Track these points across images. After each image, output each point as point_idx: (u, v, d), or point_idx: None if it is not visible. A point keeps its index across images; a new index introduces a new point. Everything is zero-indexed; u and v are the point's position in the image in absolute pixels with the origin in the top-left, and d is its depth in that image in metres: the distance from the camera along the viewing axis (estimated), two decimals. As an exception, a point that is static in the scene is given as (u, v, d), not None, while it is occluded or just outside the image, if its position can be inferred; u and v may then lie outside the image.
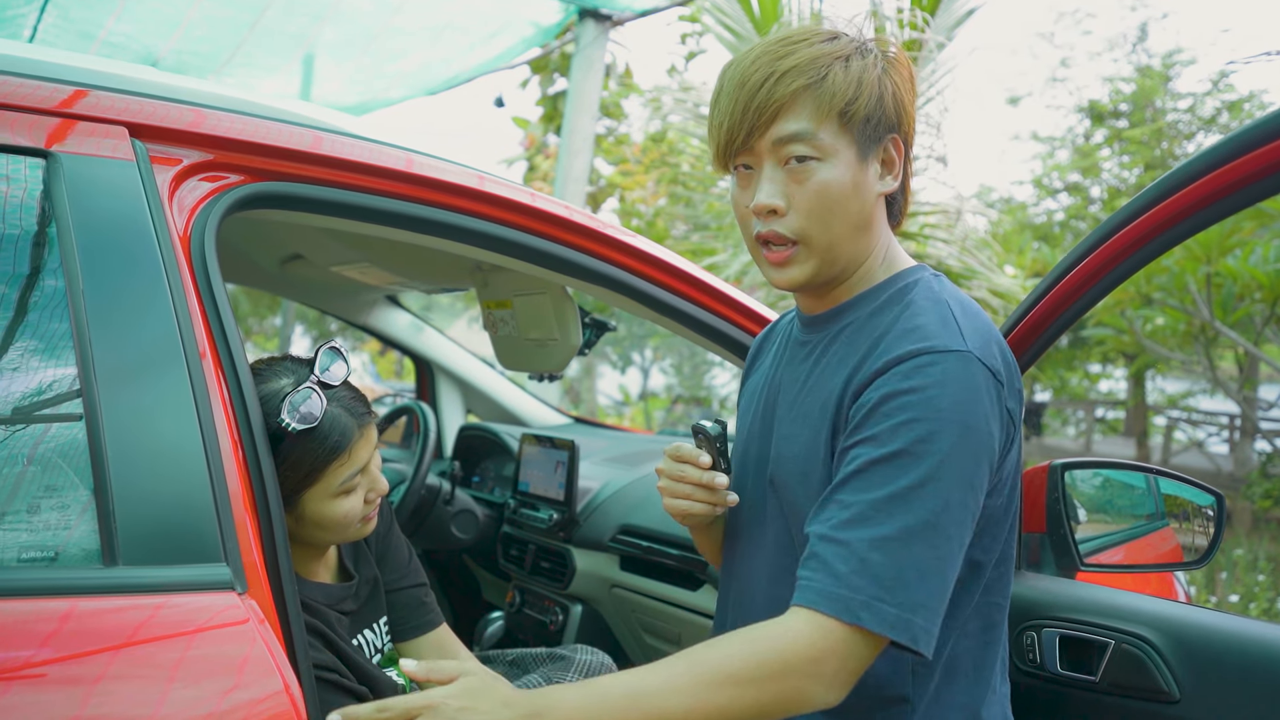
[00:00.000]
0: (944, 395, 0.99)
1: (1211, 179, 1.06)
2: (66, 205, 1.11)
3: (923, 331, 1.04)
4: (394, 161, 1.43)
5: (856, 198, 1.08)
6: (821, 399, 1.11)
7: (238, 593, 1.05)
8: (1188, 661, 1.16)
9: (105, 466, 1.03)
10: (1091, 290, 1.28)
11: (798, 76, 1.04)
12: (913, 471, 0.97)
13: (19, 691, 0.91)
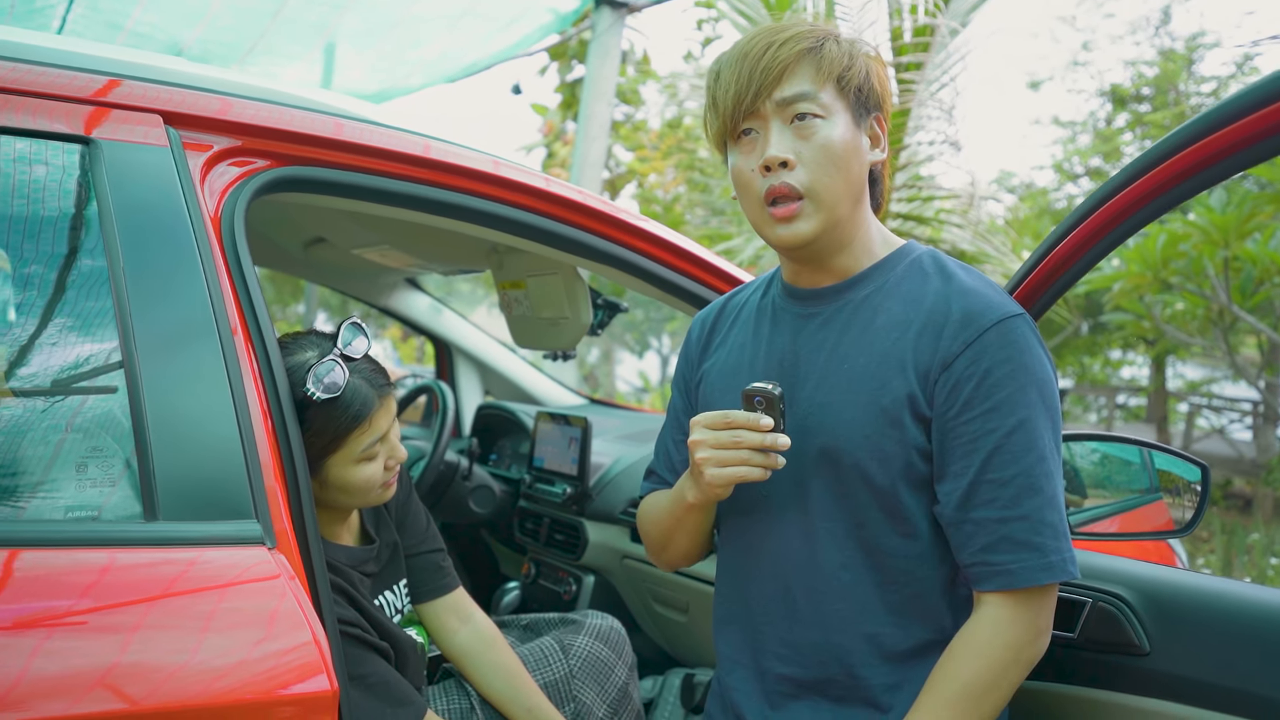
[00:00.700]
0: (1030, 357, 1.12)
1: (1208, 143, 1.10)
2: (107, 189, 1.19)
3: (986, 299, 1.14)
4: (412, 147, 1.51)
5: (855, 158, 1.16)
6: (872, 361, 1.16)
7: (268, 548, 1.13)
8: (1157, 617, 1.22)
9: (145, 430, 1.11)
10: (1090, 252, 1.31)
11: (799, 42, 1.14)
12: (1039, 435, 1.10)
13: (66, 636, 0.99)
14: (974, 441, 1.10)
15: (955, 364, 1.11)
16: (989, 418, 1.09)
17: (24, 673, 0.95)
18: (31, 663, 0.96)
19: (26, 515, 1.07)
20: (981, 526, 1.10)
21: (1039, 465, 1.09)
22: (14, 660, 0.95)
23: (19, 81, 1.20)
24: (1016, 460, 1.09)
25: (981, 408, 1.10)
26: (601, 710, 1.80)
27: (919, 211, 5.06)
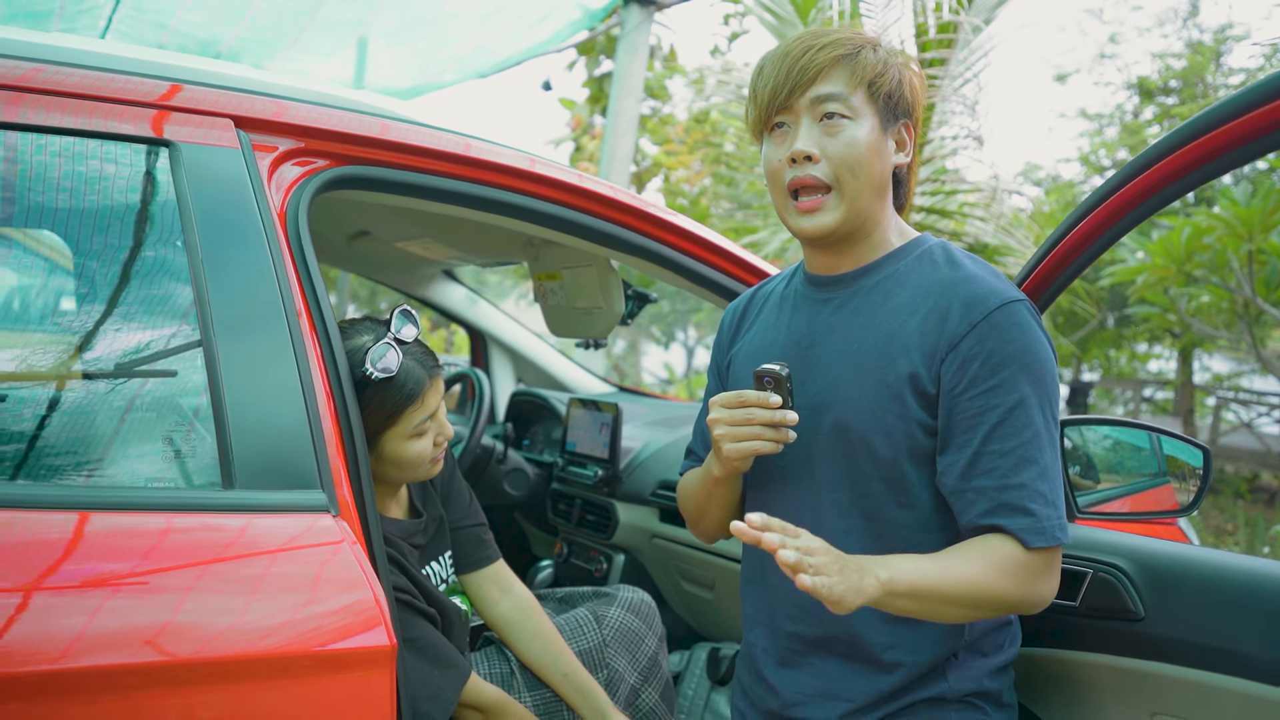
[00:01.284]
0: (1031, 339, 1.21)
1: (1203, 142, 1.18)
2: (186, 187, 1.30)
3: (990, 286, 1.23)
4: (453, 145, 1.61)
5: (878, 159, 1.25)
6: (883, 341, 1.25)
7: (331, 515, 1.24)
8: (1151, 585, 1.31)
9: (224, 407, 1.22)
10: (1094, 244, 1.40)
11: (836, 48, 1.24)
12: (1038, 411, 1.20)
13: (152, 596, 1.09)
14: (978, 416, 1.19)
15: (962, 344, 1.20)
16: (992, 394, 1.19)
17: (122, 622, 1.07)
18: (132, 613, 1.07)
19: (125, 483, 1.19)
20: (983, 494, 1.19)
21: (1035, 440, 1.19)
22: (121, 610, 1.07)
23: (107, 89, 1.31)
24: (1016, 434, 1.18)
25: (986, 385, 1.19)
26: (633, 678, 1.90)
27: (942, 205, 5.12)
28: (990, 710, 1.30)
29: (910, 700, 1.26)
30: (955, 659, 1.29)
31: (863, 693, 1.27)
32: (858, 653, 1.28)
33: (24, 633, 1.02)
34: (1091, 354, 12.18)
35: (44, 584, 1.05)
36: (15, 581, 1.04)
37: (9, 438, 1.18)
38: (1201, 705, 1.25)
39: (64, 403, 1.23)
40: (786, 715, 1.33)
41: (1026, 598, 1.20)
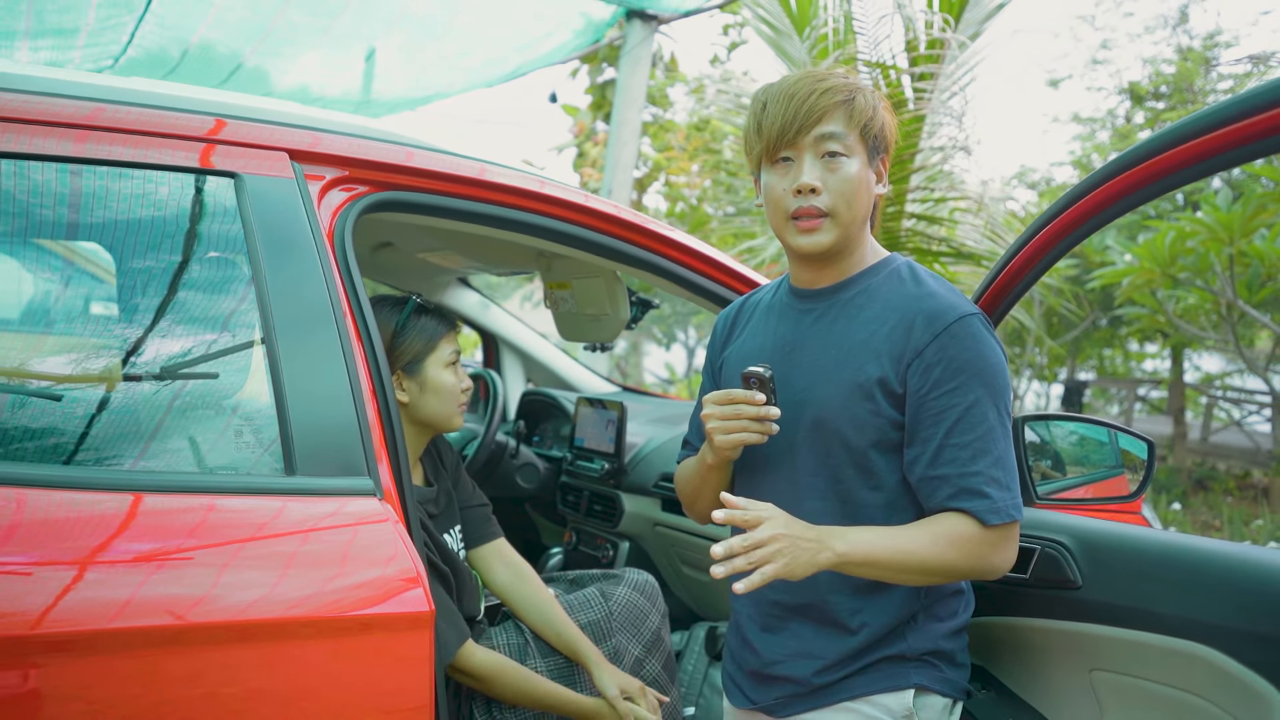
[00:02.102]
0: (985, 347, 1.40)
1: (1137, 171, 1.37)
2: (250, 213, 1.50)
3: (949, 302, 1.42)
4: (471, 170, 1.80)
5: (867, 191, 1.45)
6: (856, 347, 1.45)
7: (377, 498, 1.44)
8: (1088, 557, 1.51)
9: (285, 403, 1.42)
10: (1036, 267, 1.60)
11: (837, 94, 1.42)
12: (991, 408, 1.38)
13: (234, 568, 1.29)
14: (940, 415, 1.39)
15: (925, 352, 1.39)
16: (952, 395, 1.38)
17: (216, 583, 1.26)
18: (221, 578, 1.27)
19: (200, 469, 1.39)
20: (945, 480, 1.39)
21: (989, 434, 1.38)
22: (198, 576, 1.27)
23: (174, 126, 1.50)
24: (973, 429, 1.38)
25: (946, 387, 1.38)
26: (637, 650, 2.10)
27: (932, 212, 5.31)
28: (945, 668, 1.49)
29: (874, 658, 1.46)
30: (914, 622, 1.48)
31: (833, 651, 1.46)
32: (828, 618, 1.47)
33: (152, 591, 1.21)
34: (1086, 354, 12.35)
35: (113, 555, 1.25)
36: (139, 548, 1.24)
37: (109, 430, 1.38)
38: (1130, 660, 1.45)
39: (157, 400, 1.43)
40: (767, 673, 1.52)
41: (977, 567, 1.39)
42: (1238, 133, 1.16)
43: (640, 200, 8.92)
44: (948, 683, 1.48)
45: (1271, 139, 1.15)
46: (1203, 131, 1.21)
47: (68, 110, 1.42)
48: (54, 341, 1.45)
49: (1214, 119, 1.19)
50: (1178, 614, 1.35)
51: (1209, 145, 1.21)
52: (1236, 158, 1.18)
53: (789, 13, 5.31)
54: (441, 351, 1.93)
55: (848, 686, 1.46)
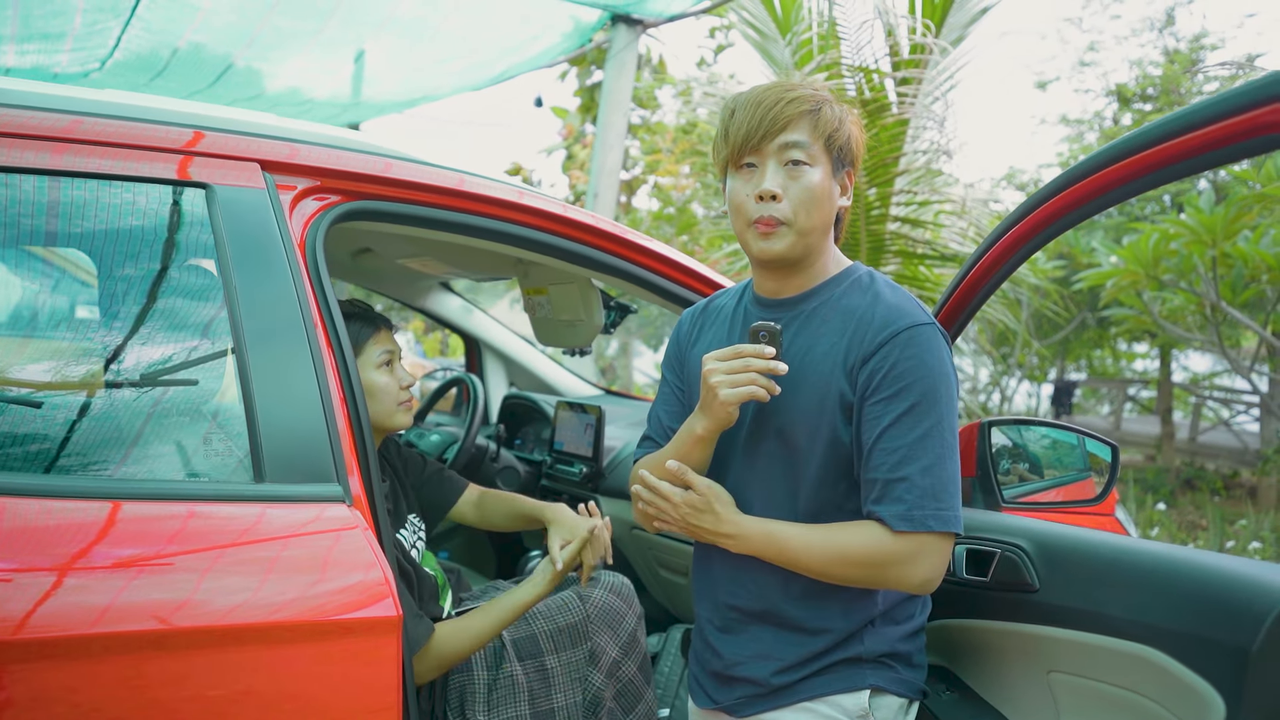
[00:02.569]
0: (930, 356, 1.41)
1: (1081, 186, 1.41)
2: (221, 223, 1.52)
3: (901, 310, 1.44)
4: (449, 181, 1.82)
5: (828, 200, 1.46)
6: (818, 360, 1.46)
7: (346, 505, 1.46)
8: (1045, 560, 1.54)
9: (255, 410, 1.44)
10: (999, 273, 1.64)
11: (803, 103, 1.43)
12: (927, 417, 1.38)
13: (203, 574, 1.31)
14: (876, 419, 1.41)
15: (871, 359, 1.41)
16: (889, 402, 1.40)
17: (186, 590, 1.29)
18: (187, 585, 1.29)
19: (168, 476, 1.42)
20: (872, 485, 1.41)
21: (921, 441, 1.38)
22: (171, 582, 1.29)
23: (148, 138, 1.52)
24: (903, 435, 1.39)
25: (885, 393, 1.40)
26: (614, 651, 2.12)
27: (917, 215, 5.34)
28: (901, 669, 1.52)
29: (831, 660, 1.48)
30: (872, 626, 1.50)
31: (792, 654, 1.49)
32: (787, 623, 1.50)
33: (83, 599, 1.23)
34: (1075, 354, 12.41)
35: (91, 561, 1.26)
36: (67, 558, 1.26)
37: (78, 439, 1.41)
38: (1084, 662, 1.48)
39: (124, 408, 1.45)
40: (728, 674, 1.55)
41: (879, 578, 1.40)
42: (1178, 148, 1.19)
43: (630, 202, 8.95)
44: (903, 683, 1.51)
45: (1220, 150, 1.18)
46: (1147, 146, 1.24)
47: (40, 123, 1.44)
48: (25, 349, 1.47)
49: (1151, 137, 1.22)
50: (1126, 617, 1.38)
51: (1152, 159, 1.24)
52: (1180, 170, 1.21)
53: (774, 17, 5.34)
54: (368, 354, 1.94)
55: (805, 687, 1.48)
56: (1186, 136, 1.16)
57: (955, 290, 1.68)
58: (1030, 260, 8.02)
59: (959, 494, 1.41)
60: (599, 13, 5.33)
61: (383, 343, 1.96)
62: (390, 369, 1.96)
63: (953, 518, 1.38)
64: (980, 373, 10.78)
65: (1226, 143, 1.11)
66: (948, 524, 1.38)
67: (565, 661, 2.03)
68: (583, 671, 2.05)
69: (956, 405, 1.44)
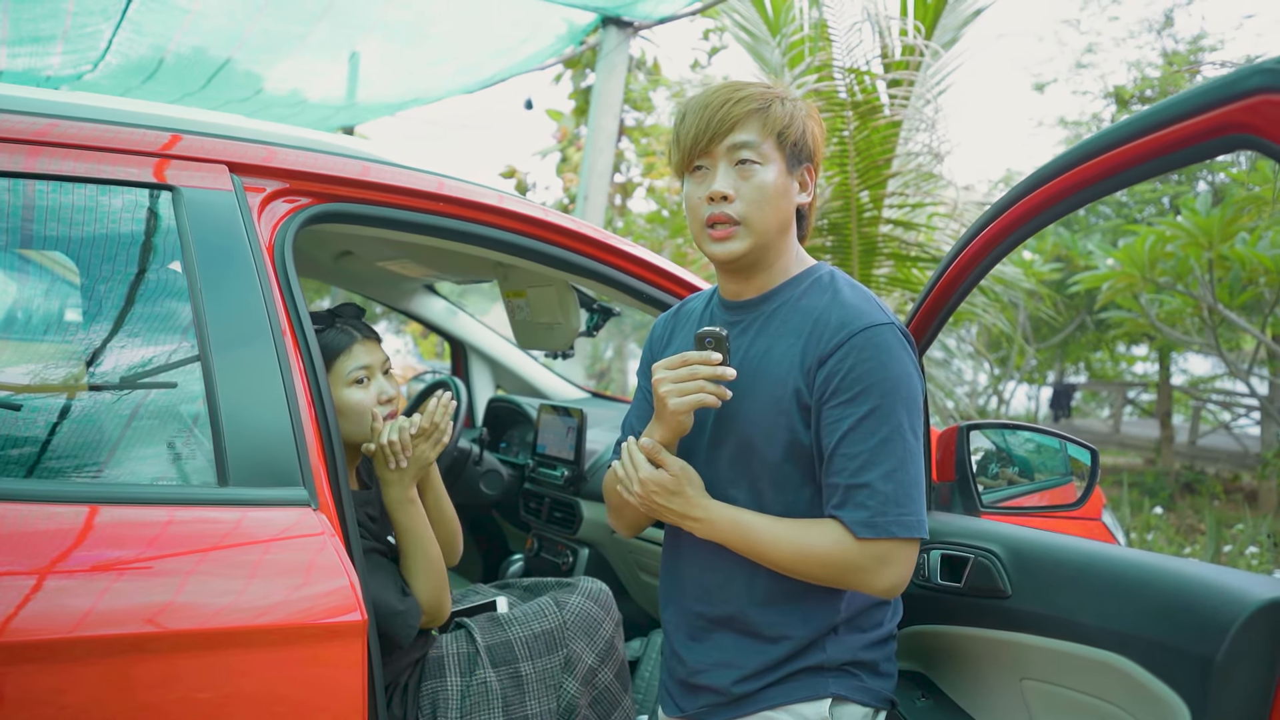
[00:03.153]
0: (889, 358, 1.38)
1: (1042, 191, 1.40)
2: (187, 225, 1.50)
3: (858, 311, 1.42)
4: (428, 185, 1.81)
5: (784, 198, 1.45)
6: (775, 362, 1.45)
7: (312, 508, 1.44)
8: (1016, 566, 1.53)
9: (219, 414, 1.43)
10: (972, 274, 1.62)
11: (750, 102, 1.42)
12: (887, 421, 1.36)
13: (161, 579, 1.29)
14: (836, 424, 1.38)
15: (828, 361, 1.39)
16: (848, 405, 1.38)
17: (134, 598, 1.27)
18: (137, 592, 1.28)
19: (130, 480, 1.40)
20: (834, 490, 1.39)
21: (883, 445, 1.36)
22: (126, 590, 1.28)
23: (117, 141, 1.51)
24: (865, 440, 1.36)
25: (844, 397, 1.38)
26: (591, 658, 2.11)
27: (909, 217, 5.33)
28: (865, 677, 1.50)
29: (793, 669, 1.46)
30: (835, 633, 1.48)
31: (753, 662, 1.47)
32: (749, 629, 1.49)
33: (43, 608, 1.22)
34: (1074, 356, 12.39)
35: (58, 567, 1.25)
36: (37, 564, 1.25)
37: (35, 441, 1.39)
38: (1056, 669, 1.46)
39: (81, 410, 1.44)
40: (692, 681, 1.54)
41: (843, 579, 1.38)
42: (1142, 148, 1.17)
43: (625, 205, 8.94)
44: (868, 692, 1.49)
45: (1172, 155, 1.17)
46: (1111, 147, 1.23)
47: (5, 124, 1.43)
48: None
49: (1116, 138, 1.20)
50: (1096, 624, 1.36)
51: (1115, 160, 1.23)
52: (1144, 171, 1.20)
53: (765, 18, 5.34)
54: (339, 370, 1.84)
55: (766, 696, 1.47)
56: (1150, 137, 1.15)
57: (930, 293, 1.66)
58: (1026, 264, 8.02)
59: (923, 498, 1.39)
60: (591, 15, 5.32)
61: (356, 358, 1.85)
62: (365, 385, 1.85)
63: (916, 523, 1.36)
64: (979, 376, 10.75)
65: (1190, 143, 1.10)
66: (911, 530, 1.36)
67: (540, 668, 2.01)
68: (558, 679, 2.03)
69: (920, 406, 1.42)
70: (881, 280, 5.40)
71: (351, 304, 1.96)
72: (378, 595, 1.70)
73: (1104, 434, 13.06)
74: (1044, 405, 14.46)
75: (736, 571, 1.48)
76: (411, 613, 1.79)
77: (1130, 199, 10.34)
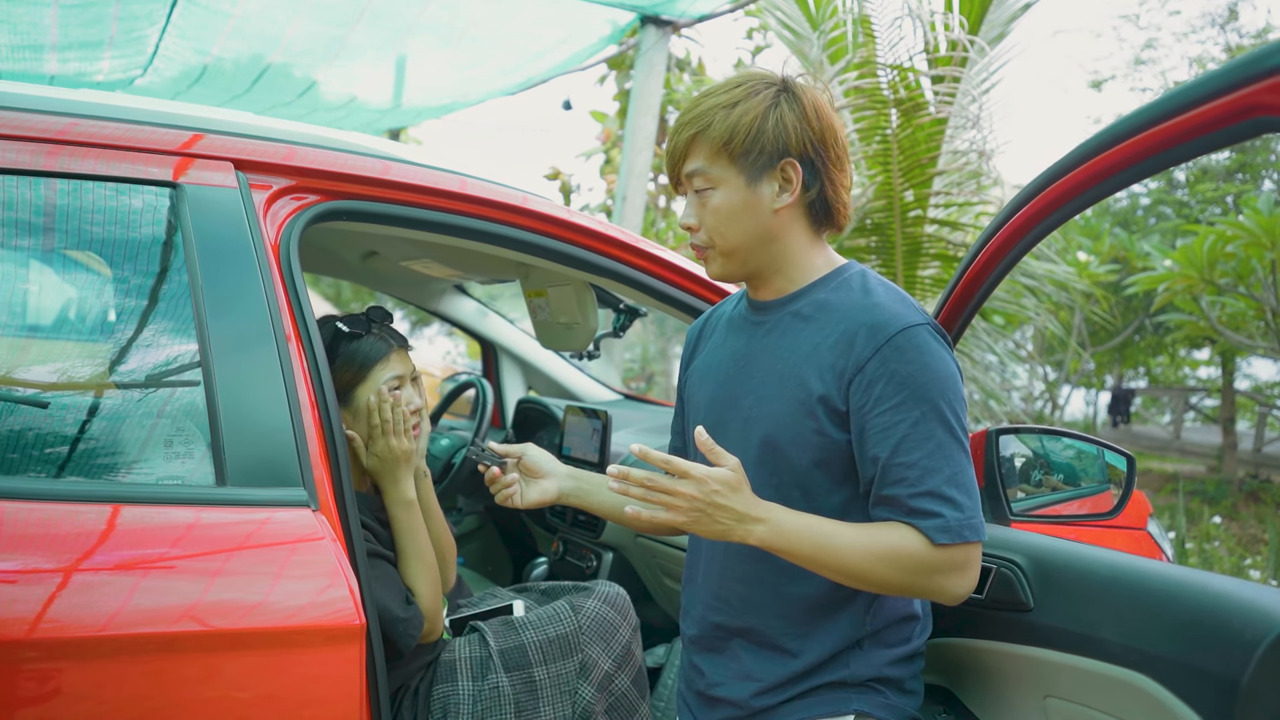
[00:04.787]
0: (931, 358, 1.33)
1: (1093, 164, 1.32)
2: (190, 224, 1.50)
3: (893, 313, 1.35)
4: (450, 184, 1.78)
5: (749, 214, 1.39)
6: (800, 362, 1.40)
7: (311, 509, 1.42)
8: (1039, 578, 1.45)
9: (218, 414, 1.41)
10: (995, 271, 1.55)
11: (690, 128, 1.39)
12: (940, 423, 1.31)
13: (157, 577, 1.30)
14: (885, 431, 1.32)
15: (867, 367, 1.33)
16: (897, 411, 1.31)
17: (127, 601, 1.26)
18: (133, 594, 1.27)
19: (128, 479, 1.39)
20: (896, 502, 1.32)
21: (939, 450, 1.31)
22: (120, 591, 1.26)
23: (122, 139, 1.51)
24: (920, 446, 1.30)
25: (891, 403, 1.31)
26: (607, 664, 2.07)
27: (955, 217, 5.21)
28: (890, 694, 1.43)
29: (814, 683, 1.41)
30: (859, 648, 1.42)
31: (772, 675, 1.42)
32: (767, 641, 1.43)
33: (30, 607, 1.21)
34: (1132, 361, 12.05)
35: (45, 566, 1.25)
36: (27, 563, 1.24)
37: (28, 438, 1.39)
38: (1079, 688, 1.38)
39: (77, 406, 1.44)
40: (710, 694, 1.49)
41: (919, 586, 1.32)
42: (1164, 133, 1.10)
43: (670, 206, 8.89)
44: (892, 709, 1.43)
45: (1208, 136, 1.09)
46: (1133, 133, 1.15)
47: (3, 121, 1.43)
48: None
49: (1137, 123, 1.13)
50: (1119, 641, 1.28)
51: (1137, 146, 1.15)
52: (1168, 158, 1.12)
53: (807, 14, 5.25)
54: (375, 378, 1.84)
55: (787, 711, 1.42)
56: (1169, 123, 1.07)
57: (956, 286, 1.59)
58: (1081, 265, 7.80)
59: (979, 498, 1.35)
60: (630, 14, 5.29)
61: (392, 367, 1.86)
62: (396, 396, 1.85)
63: (982, 525, 1.33)
64: (1033, 382, 10.50)
65: (1211, 128, 1.02)
66: (979, 533, 1.32)
67: (554, 674, 1.98)
68: (572, 685, 1.99)
69: (965, 404, 1.36)
70: (926, 282, 5.28)
71: (380, 307, 1.93)
72: (381, 601, 1.67)
73: (1164, 440, 12.68)
74: (1101, 410, 14.11)
75: (760, 581, 1.44)
76: (414, 621, 1.77)
77: (1193, 199, 10.04)
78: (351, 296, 16.27)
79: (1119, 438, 12.56)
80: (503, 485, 1.64)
